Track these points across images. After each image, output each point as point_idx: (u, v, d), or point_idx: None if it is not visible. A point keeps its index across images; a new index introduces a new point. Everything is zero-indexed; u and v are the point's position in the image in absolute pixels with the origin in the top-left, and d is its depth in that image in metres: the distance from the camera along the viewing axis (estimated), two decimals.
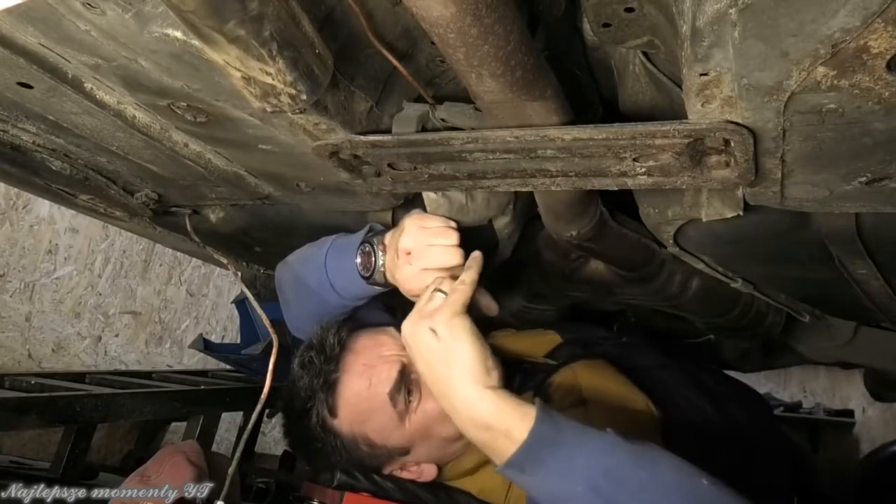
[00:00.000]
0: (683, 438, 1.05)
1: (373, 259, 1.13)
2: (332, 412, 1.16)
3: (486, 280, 1.46)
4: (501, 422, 0.90)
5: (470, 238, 1.16)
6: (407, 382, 1.16)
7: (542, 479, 0.87)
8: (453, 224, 1.09)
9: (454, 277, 1.06)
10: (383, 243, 1.14)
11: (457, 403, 0.95)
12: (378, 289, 1.16)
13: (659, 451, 0.89)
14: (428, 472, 1.23)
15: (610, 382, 1.31)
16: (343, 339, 1.19)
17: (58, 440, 1.78)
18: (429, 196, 1.10)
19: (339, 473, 1.18)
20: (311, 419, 1.18)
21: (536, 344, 1.43)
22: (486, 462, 1.20)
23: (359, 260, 1.15)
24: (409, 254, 1.07)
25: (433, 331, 0.98)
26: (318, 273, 1.19)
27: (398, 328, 1.23)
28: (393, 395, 1.14)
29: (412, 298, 1.12)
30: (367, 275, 1.14)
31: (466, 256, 1.09)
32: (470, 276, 1.03)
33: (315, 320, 1.26)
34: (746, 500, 0.84)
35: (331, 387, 1.16)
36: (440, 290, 1.03)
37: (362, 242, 1.15)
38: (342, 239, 1.19)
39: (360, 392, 1.15)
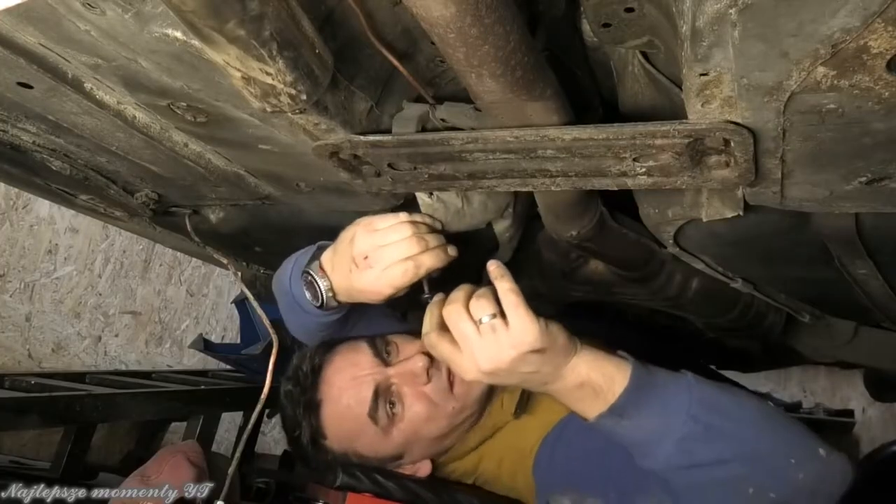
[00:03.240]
0: None
1: (316, 288, 1.11)
2: (321, 435, 1.20)
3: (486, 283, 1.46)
4: (603, 373, 0.94)
5: (470, 242, 1.16)
6: (386, 396, 1.17)
7: (643, 419, 0.93)
8: (403, 216, 1.05)
9: (419, 263, 1.04)
10: (321, 268, 1.12)
11: (566, 376, 0.95)
12: (335, 313, 1.17)
13: (727, 384, 0.98)
14: (424, 469, 1.26)
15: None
16: (317, 366, 1.21)
17: (58, 440, 1.78)
18: (423, 200, 1.10)
19: (342, 474, 1.19)
20: (303, 441, 1.22)
21: None
22: (476, 446, 1.26)
23: (307, 293, 1.13)
24: (366, 258, 1.05)
25: (535, 350, 0.92)
26: (287, 293, 1.20)
27: (373, 336, 1.25)
28: (372, 415, 1.16)
29: (377, 301, 1.09)
30: (318, 304, 1.13)
31: (464, 261, 1.09)
32: (507, 283, 0.95)
33: (308, 332, 1.29)
34: (798, 421, 0.96)
35: (313, 412, 1.19)
36: (487, 316, 0.93)
37: (303, 272, 1.13)
38: (302, 258, 1.18)
39: (342, 414, 1.18)
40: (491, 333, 0.92)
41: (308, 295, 1.13)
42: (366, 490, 1.19)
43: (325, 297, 1.11)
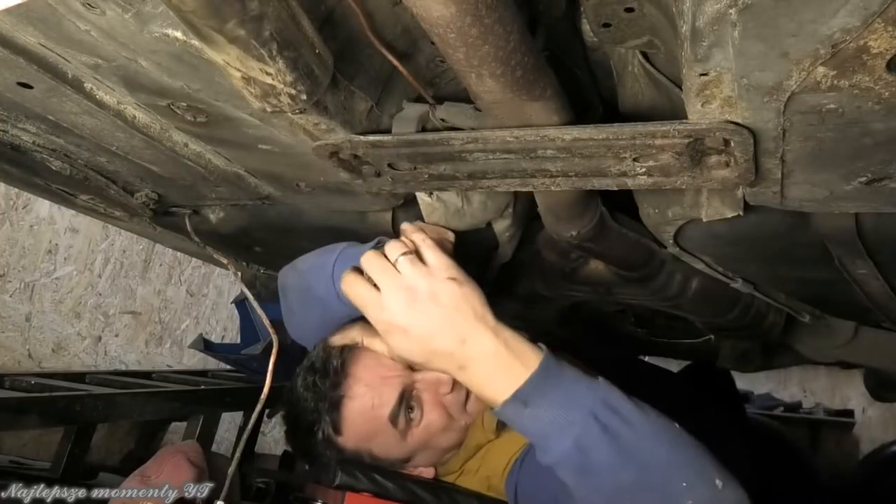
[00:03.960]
0: None
1: None
2: (337, 431, 1.20)
3: (487, 282, 1.46)
4: (514, 354, 0.93)
5: (469, 242, 1.16)
6: (408, 400, 1.19)
7: (545, 409, 0.91)
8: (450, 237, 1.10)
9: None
10: None
11: (485, 334, 0.94)
12: None
13: (640, 400, 0.95)
14: (426, 474, 1.27)
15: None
16: (346, 362, 1.21)
17: (58, 440, 1.78)
18: (423, 200, 1.10)
19: (341, 473, 1.19)
20: (317, 437, 1.21)
21: None
22: (460, 466, 1.27)
23: None
24: None
25: (454, 279, 0.96)
26: (325, 282, 1.18)
27: None
28: (393, 418, 1.17)
29: None
30: None
31: (460, 258, 1.09)
32: (419, 231, 1.03)
33: (319, 327, 1.27)
34: (704, 447, 0.92)
35: (335, 408, 1.19)
36: (402, 255, 0.98)
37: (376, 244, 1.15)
38: (351, 248, 1.19)
39: (364, 413, 1.18)
40: (408, 265, 0.96)
41: None
42: (364, 490, 1.19)
43: None
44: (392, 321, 0.97)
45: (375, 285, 0.99)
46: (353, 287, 1.00)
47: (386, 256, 1.00)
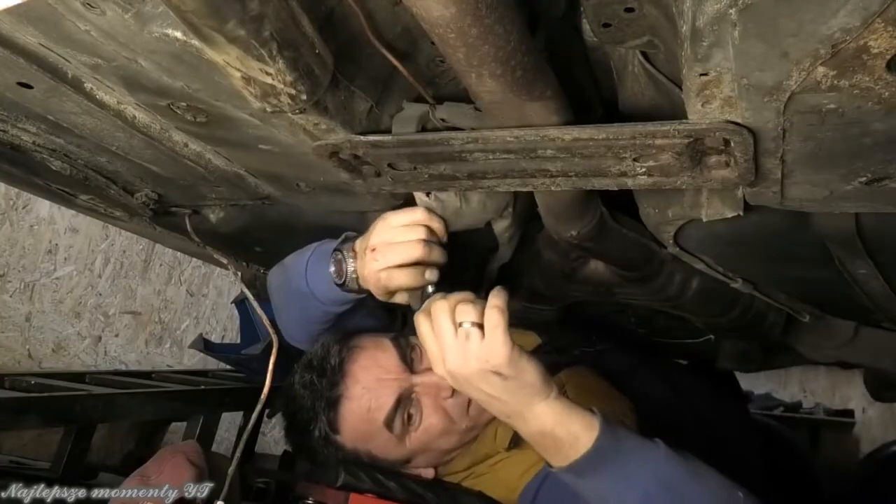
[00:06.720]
0: (655, 435, 1.09)
1: (344, 266, 1.13)
2: (335, 430, 1.20)
3: (487, 282, 1.46)
4: (568, 430, 0.93)
5: (468, 241, 1.16)
6: (406, 405, 1.19)
7: (599, 483, 0.92)
8: (419, 216, 1.06)
9: (419, 269, 1.06)
10: (353, 249, 1.13)
11: (529, 419, 0.95)
12: (353, 295, 1.17)
13: (702, 463, 0.95)
14: (426, 475, 1.27)
15: (594, 387, 1.36)
16: (343, 361, 1.21)
17: (58, 440, 1.77)
18: (421, 199, 1.10)
19: (343, 473, 1.19)
20: (315, 435, 1.22)
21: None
22: (465, 469, 1.27)
23: (332, 268, 1.14)
24: (373, 251, 1.07)
25: (498, 374, 0.92)
26: (300, 280, 1.19)
27: (397, 335, 1.25)
28: (389, 423, 1.17)
29: (380, 297, 1.12)
30: (340, 282, 1.14)
31: (460, 258, 1.09)
32: (497, 301, 0.93)
33: (303, 326, 1.28)
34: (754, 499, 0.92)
35: (332, 407, 1.19)
36: (468, 323, 0.93)
37: (334, 250, 1.15)
38: (323, 246, 1.19)
39: (360, 414, 1.18)
40: (464, 339, 0.92)
41: (333, 270, 1.13)
42: (368, 490, 1.19)
43: (348, 276, 1.12)
44: (441, 375, 0.97)
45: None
46: (419, 328, 0.98)
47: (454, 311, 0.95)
